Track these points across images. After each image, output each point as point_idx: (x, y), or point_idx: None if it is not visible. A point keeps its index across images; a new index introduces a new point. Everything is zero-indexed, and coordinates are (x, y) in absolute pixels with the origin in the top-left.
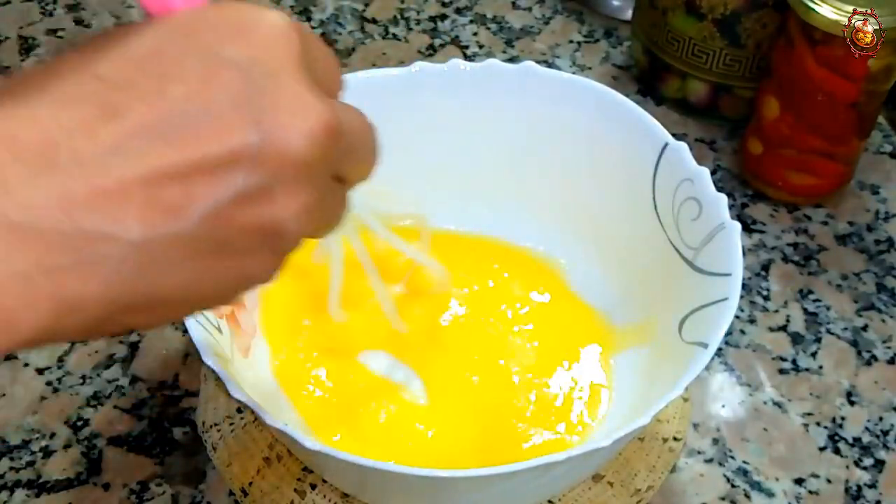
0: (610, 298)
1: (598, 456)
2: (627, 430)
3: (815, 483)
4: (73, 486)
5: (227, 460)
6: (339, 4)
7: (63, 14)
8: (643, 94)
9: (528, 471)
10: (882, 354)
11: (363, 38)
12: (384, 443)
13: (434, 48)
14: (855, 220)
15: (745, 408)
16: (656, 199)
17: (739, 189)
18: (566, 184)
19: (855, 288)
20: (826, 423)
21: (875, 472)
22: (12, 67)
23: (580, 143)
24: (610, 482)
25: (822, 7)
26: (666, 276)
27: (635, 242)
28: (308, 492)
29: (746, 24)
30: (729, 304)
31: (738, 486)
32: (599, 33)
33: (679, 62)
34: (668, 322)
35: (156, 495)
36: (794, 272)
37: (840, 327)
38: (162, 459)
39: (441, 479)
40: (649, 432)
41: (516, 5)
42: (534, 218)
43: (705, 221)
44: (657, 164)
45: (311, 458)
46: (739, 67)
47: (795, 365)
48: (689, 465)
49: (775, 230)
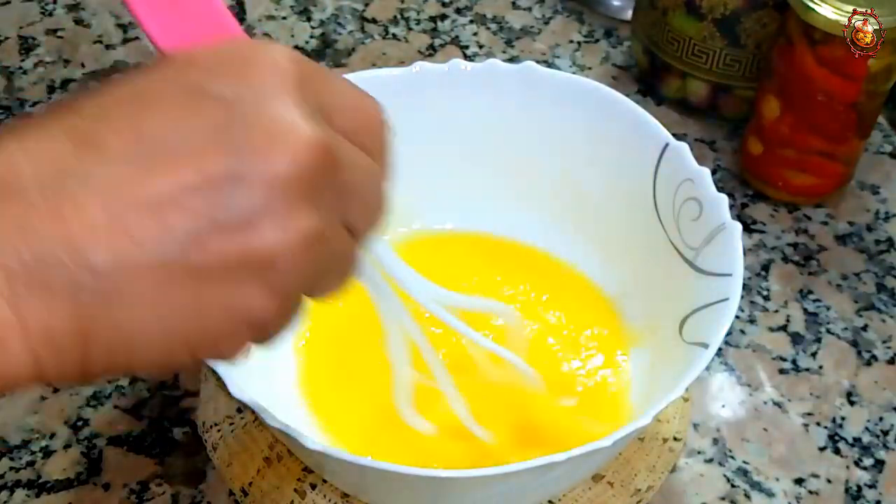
0: (609, 298)
1: (598, 456)
2: (628, 431)
3: (815, 483)
4: (73, 486)
5: (227, 460)
6: (339, 4)
7: (63, 14)
8: (643, 94)
9: (528, 471)
10: (882, 354)
11: (363, 38)
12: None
13: (434, 48)
14: (855, 220)
15: (745, 408)
16: (657, 199)
17: (739, 189)
18: (566, 184)
19: (855, 288)
20: (826, 423)
21: (875, 472)
22: (12, 67)
23: (580, 143)
24: (610, 482)
25: (822, 7)
26: (666, 276)
27: (636, 242)
28: (308, 492)
29: (746, 24)
30: (729, 304)
31: (738, 486)
32: (599, 33)
33: (679, 62)
34: (668, 322)
35: (156, 495)
36: (794, 272)
37: (840, 327)
38: (162, 459)
39: (441, 479)
40: (649, 432)
41: (516, 5)
42: (534, 218)
43: (706, 222)
44: (658, 165)
45: (311, 458)
46: (739, 67)
47: (795, 365)
48: (690, 465)
49: (775, 230)
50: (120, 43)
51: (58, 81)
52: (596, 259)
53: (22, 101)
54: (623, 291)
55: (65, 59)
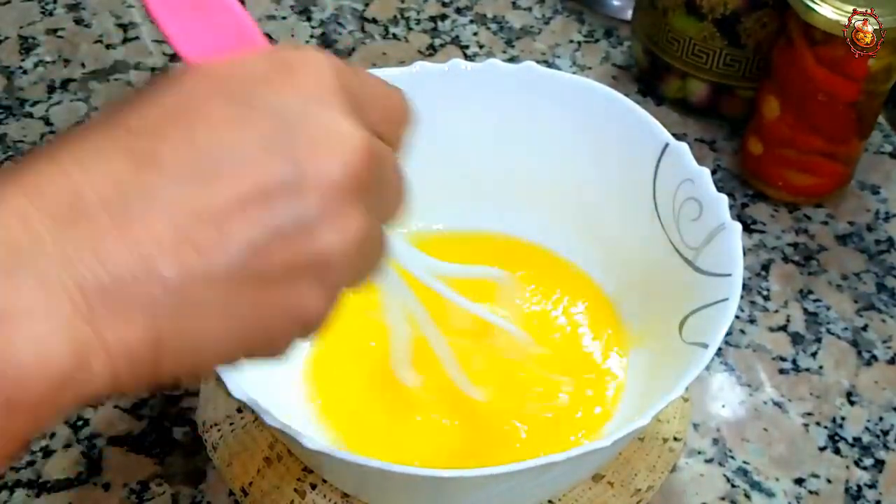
0: (610, 298)
1: (598, 456)
2: (627, 431)
3: (815, 483)
4: (73, 486)
5: (227, 460)
6: (339, 4)
7: (63, 14)
8: (643, 94)
9: (528, 471)
10: (882, 354)
11: (363, 38)
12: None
13: (434, 48)
14: (855, 220)
15: (745, 408)
16: (657, 199)
17: (739, 189)
18: (566, 183)
19: (855, 288)
20: (826, 423)
21: (875, 472)
22: (12, 67)
23: (580, 143)
24: (610, 482)
25: (822, 7)
26: (666, 276)
27: (636, 243)
28: (308, 492)
29: (746, 24)
30: (729, 304)
31: (738, 486)
32: (599, 33)
33: (679, 62)
34: (668, 322)
35: (156, 495)
36: (794, 272)
37: (840, 327)
38: (162, 459)
39: (441, 479)
40: (649, 432)
41: (516, 5)
42: (534, 217)
43: (706, 222)
44: (658, 165)
45: (311, 457)
46: (739, 67)
47: (795, 365)
48: (690, 465)
49: (775, 230)
50: (120, 43)
51: (58, 81)
52: (596, 259)
53: (22, 100)
54: (623, 291)
55: (65, 59)
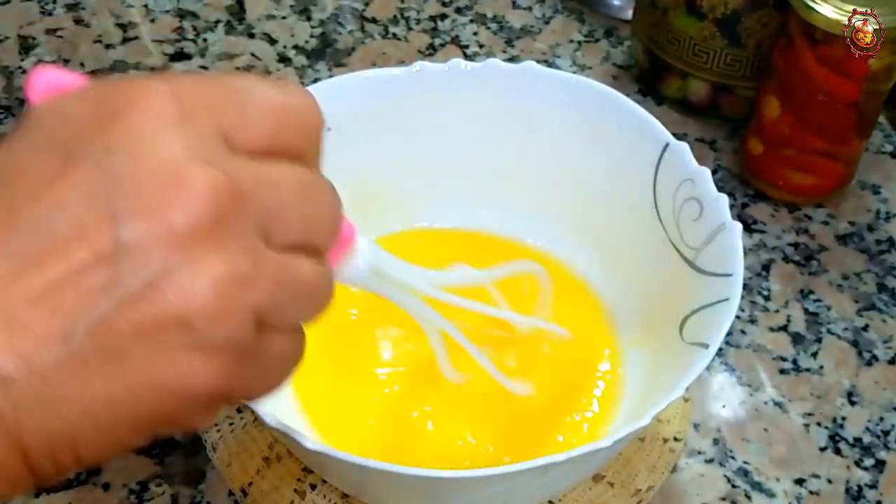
0: (610, 299)
1: (598, 456)
2: (628, 431)
3: (815, 483)
4: (73, 486)
5: (227, 460)
6: (339, 4)
7: (63, 14)
8: (643, 94)
9: (528, 471)
10: (883, 354)
11: (363, 38)
12: (384, 442)
13: (434, 48)
14: (856, 220)
15: (745, 408)
16: (657, 199)
17: (740, 189)
18: (566, 183)
19: (856, 288)
20: (827, 424)
21: (876, 472)
22: (12, 67)
23: (581, 142)
24: (610, 482)
25: (822, 7)
26: (666, 276)
27: (636, 242)
28: (308, 492)
29: (747, 23)
30: (730, 304)
31: (739, 486)
32: (600, 33)
33: (679, 62)
34: (668, 322)
35: (156, 495)
36: (794, 272)
37: (841, 327)
38: (162, 459)
39: (441, 479)
40: (650, 432)
41: (516, 5)
42: (534, 217)
43: (706, 222)
44: (658, 164)
45: (311, 458)
46: (740, 67)
47: (796, 365)
48: (690, 465)
49: (776, 230)
50: (120, 43)
51: None
52: (596, 259)
53: (22, 101)
54: (623, 291)
55: (65, 59)
